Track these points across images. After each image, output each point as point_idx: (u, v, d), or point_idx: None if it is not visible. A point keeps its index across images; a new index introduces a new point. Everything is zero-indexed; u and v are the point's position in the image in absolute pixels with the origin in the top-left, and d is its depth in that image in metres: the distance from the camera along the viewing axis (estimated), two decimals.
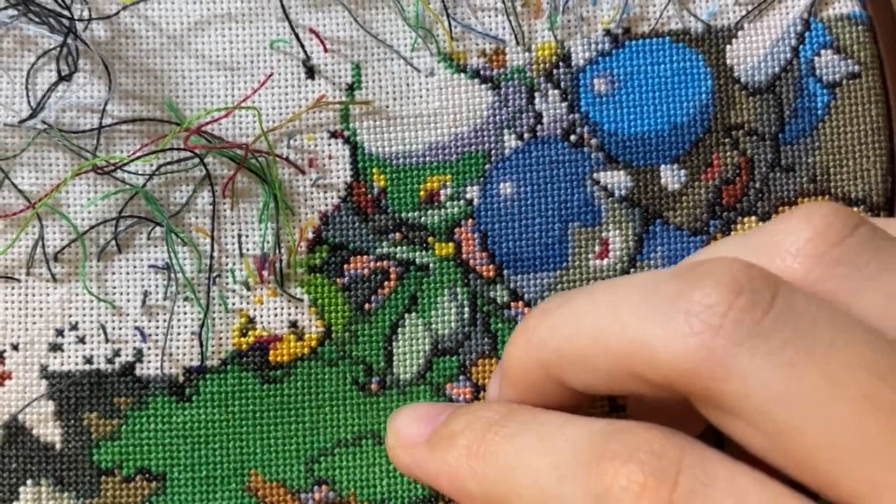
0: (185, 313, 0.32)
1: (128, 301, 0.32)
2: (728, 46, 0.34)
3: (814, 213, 0.25)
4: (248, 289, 0.32)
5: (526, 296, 0.33)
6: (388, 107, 0.33)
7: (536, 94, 0.33)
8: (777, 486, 0.22)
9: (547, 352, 0.26)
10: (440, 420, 0.28)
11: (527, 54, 0.33)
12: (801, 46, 0.34)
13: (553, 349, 0.26)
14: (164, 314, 0.32)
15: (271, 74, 0.33)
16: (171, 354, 0.32)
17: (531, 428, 0.26)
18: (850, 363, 0.22)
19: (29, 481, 0.32)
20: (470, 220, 0.33)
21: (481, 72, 0.33)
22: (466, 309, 0.33)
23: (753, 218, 0.33)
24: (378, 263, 0.33)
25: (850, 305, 0.24)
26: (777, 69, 0.34)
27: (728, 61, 0.34)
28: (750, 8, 0.34)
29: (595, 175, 0.33)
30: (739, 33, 0.34)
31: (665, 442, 0.23)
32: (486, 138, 0.33)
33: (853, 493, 0.22)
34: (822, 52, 0.34)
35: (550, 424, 0.25)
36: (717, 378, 0.22)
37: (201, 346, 0.32)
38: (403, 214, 0.33)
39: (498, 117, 0.33)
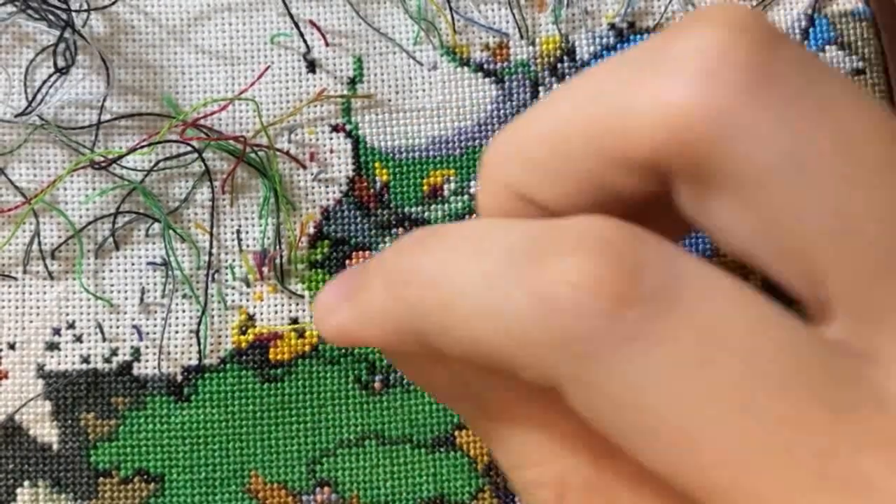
0: (184, 311, 0.32)
1: (125, 299, 0.32)
2: None
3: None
4: (248, 285, 0.32)
5: None
6: (390, 100, 0.33)
7: (541, 89, 0.33)
8: (748, 288, 0.19)
9: (512, 166, 0.22)
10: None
11: (531, 48, 0.33)
12: (805, 42, 0.34)
13: (520, 160, 0.21)
14: (162, 312, 0.32)
15: (268, 67, 0.32)
16: (168, 353, 0.31)
17: (455, 237, 0.21)
18: (870, 131, 0.18)
19: (26, 482, 0.31)
20: (474, 216, 0.32)
21: (485, 65, 0.33)
22: None
23: None
24: None
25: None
26: None
27: None
28: (754, 3, 0.34)
29: None
30: None
31: (616, 228, 0.19)
32: (490, 132, 0.33)
33: (843, 290, 0.18)
34: (827, 48, 0.34)
35: (479, 229, 0.21)
36: (712, 135, 0.18)
37: (199, 344, 0.31)
38: (406, 209, 0.32)
39: (502, 111, 0.33)
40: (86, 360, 0.31)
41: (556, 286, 0.18)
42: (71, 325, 0.31)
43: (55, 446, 0.31)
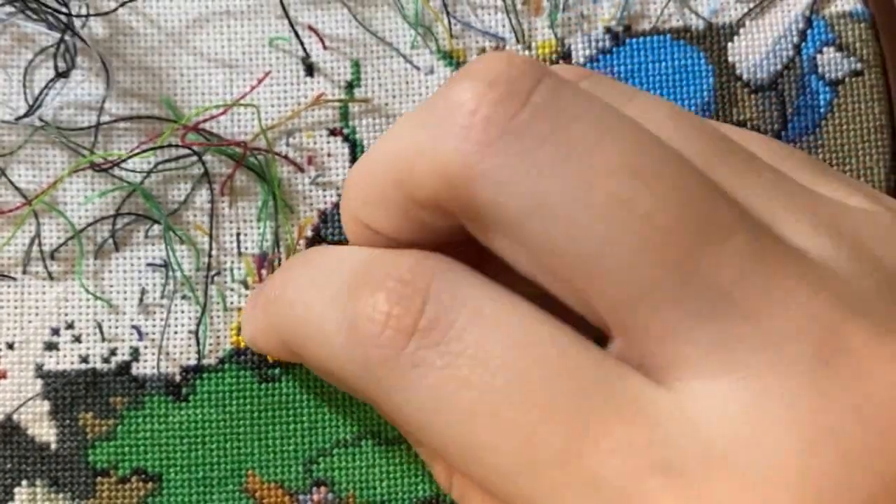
0: (183, 312, 0.32)
1: (125, 299, 0.32)
2: (730, 44, 0.34)
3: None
4: (247, 287, 0.32)
5: None
6: (387, 105, 0.33)
7: None
8: (528, 307, 0.21)
9: (350, 201, 0.25)
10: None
11: (527, 52, 0.33)
12: (803, 44, 0.34)
13: (353, 192, 0.25)
14: (162, 313, 0.32)
15: (269, 73, 0.33)
16: (167, 353, 0.32)
17: (310, 265, 0.25)
18: (610, 164, 0.20)
19: (24, 482, 0.31)
20: None
21: None
22: None
23: None
24: None
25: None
26: (779, 67, 0.34)
27: (730, 59, 0.34)
28: (751, 5, 0.34)
29: None
30: (741, 31, 0.34)
31: (416, 268, 0.22)
32: None
33: (608, 314, 0.20)
34: (825, 49, 0.34)
35: (327, 256, 0.25)
36: (471, 185, 0.20)
37: (199, 344, 0.32)
38: None
39: None
40: (84, 359, 0.31)
41: (361, 319, 0.22)
42: (70, 326, 0.32)
43: (53, 446, 0.31)
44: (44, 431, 0.31)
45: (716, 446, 0.19)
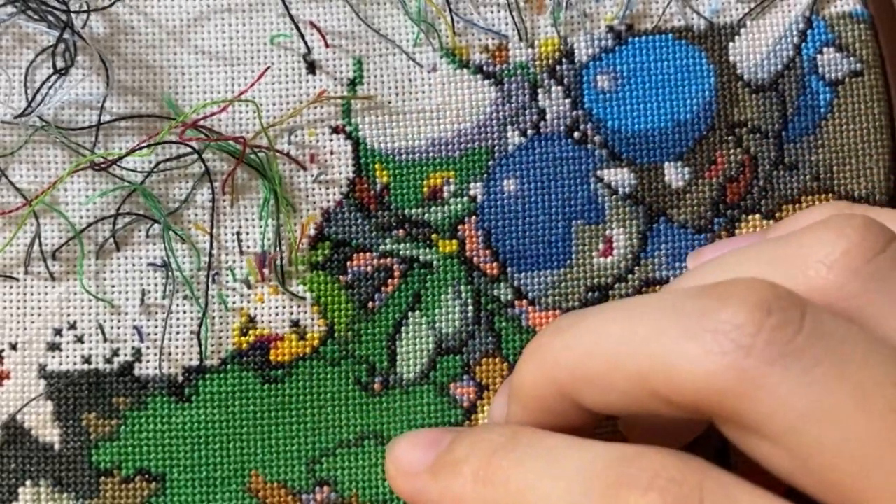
0: (185, 312, 0.32)
1: (126, 300, 0.32)
2: (731, 44, 0.34)
3: (847, 224, 0.25)
4: (249, 287, 0.32)
5: (530, 294, 0.33)
6: (390, 102, 0.33)
7: (539, 91, 0.33)
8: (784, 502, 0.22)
9: (562, 371, 0.25)
10: (442, 446, 0.27)
11: (530, 50, 0.33)
12: (803, 44, 0.34)
13: (568, 369, 0.25)
14: (163, 313, 0.32)
15: (268, 68, 0.32)
16: (169, 354, 0.32)
17: (539, 451, 0.25)
18: (880, 379, 0.22)
19: (28, 482, 0.31)
20: (473, 217, 0.33)
21: (484, 67, 0.33)
22: (470, 307, 0.32)
23: (757, 216, 0.33)
24: (381, 261, 0.32)
25: (880, 322, 0.24)
26: (780, 67, 0.34)
27: (731, 58, 0.34)
28: (752, 5, 0.34)
29: (599, 172, 0.33)
30: (742, 31, 0.34)
31: (683, 467, 0.22)
32: (489, 134, 0.33)
33: None
34: (825, 49, 0.34)
35: (559, 448, 0.25)
36: (747, 398, 0.22)
37: (200, 345, 0.32)
38: (406, 211, 0.33)
39: (501, 113, 0.33)
40: (87, 360, 0.31)
41: None
42: (72, 326, 0.31)
43: (57, 446, 0.31)
44: (47, 432, 0.31)
45: None
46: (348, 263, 0.32)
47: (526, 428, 0.26)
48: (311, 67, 0.33)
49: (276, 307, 0.32)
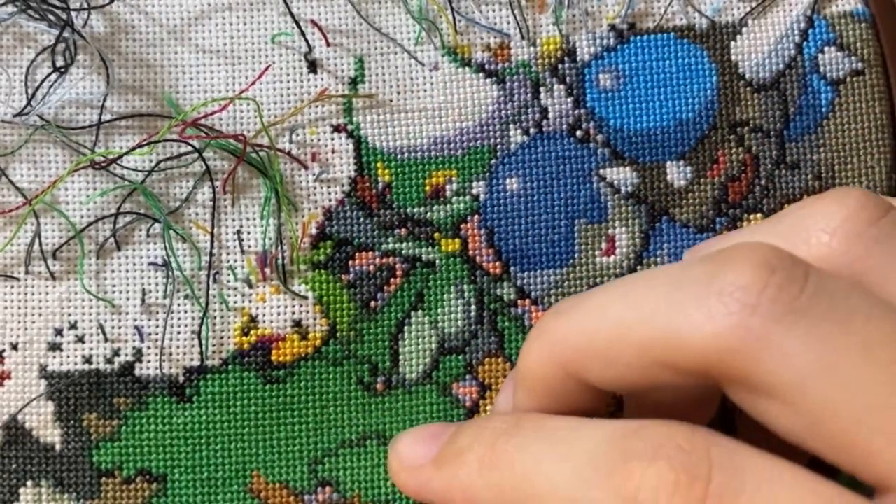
0: (185, 312, 0.32)
1: (127, 299, 0.31)
2: (732, 43, 0.34)
3: (846, 195, 0.25)
4: (250, 286, 0.32)
5: (532, 293, 0.33)
6: (391, 101, 0.33)
7: (542, 89, 0.33)
8: (806, 473, 0.22)
9: (567, 349, 0.25)
10: (443, 438, 0.27)
11: (532, 49, 0.33)
12: (804, 43, 0.34)
13: (573, 346, 0.25)
14: (164, 313, 0.31)
15: (269, 66, 0.32)
16: (170, 354, 0.31)
17: (543, 434, 0.25)
18: (885, 335, 0.22)
19: (29, 482, 0.31)
20: (476, 216, 0.33)
21: (486, 66, 0.33)
22: (473, 307, 0.32)
23: (759, 215, 0.33)
24: (384, 260, 0.32)
25: (883, 286, 0.24)
26: (781, 66, 0.34)
27: (732, 58, 0.34)
28: (754, 4, 0.34)
29: (601, 171, 0.33)
30: (744, 30, 0.34)
31: (691, 436, 0.22)
32: (491, 133, 0.33)
33: (890, 470, 0.21)
34: (826, 49, 0.34)
35: (563, 429, 0.25)
36: (754, 356, 0.22)
37: (201, 345, 0.31)
38: (409, 209, 0.32)
39: (503, 112, 0.33)
40: (88, 360, 0.31)
41: (641, 492, 0.22)
42: (73, 326, 0.31)
43: (58, 446, 0.31)
44: (48, 432, 0.31)
45: None
46: (350, 263, 0.32)
47: (529, 413, 0.26)
48: (313, 66, 0.33)
49: (278, 307, 0.32)
